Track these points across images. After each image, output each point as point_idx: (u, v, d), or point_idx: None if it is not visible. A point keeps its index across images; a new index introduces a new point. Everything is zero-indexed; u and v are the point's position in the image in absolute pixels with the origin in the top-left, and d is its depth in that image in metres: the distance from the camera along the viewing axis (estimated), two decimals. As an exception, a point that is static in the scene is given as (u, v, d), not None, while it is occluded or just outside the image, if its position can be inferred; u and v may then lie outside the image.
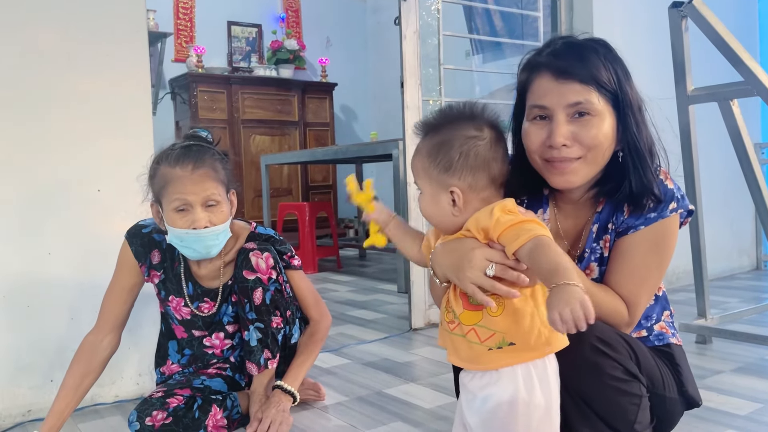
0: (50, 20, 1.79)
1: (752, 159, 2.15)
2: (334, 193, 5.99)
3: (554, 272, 0.88)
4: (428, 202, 1.09)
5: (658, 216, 1.14)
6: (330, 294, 3.64)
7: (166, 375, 1.72)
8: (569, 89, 1.08)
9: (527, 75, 1.15)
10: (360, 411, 1.76)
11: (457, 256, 1.03)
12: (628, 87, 1.11)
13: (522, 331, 0.99)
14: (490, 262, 0.99)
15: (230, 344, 1.69)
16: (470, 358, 1.03)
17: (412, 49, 2.66)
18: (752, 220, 3.91)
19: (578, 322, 0.83)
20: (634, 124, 1.11)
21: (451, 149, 1.05)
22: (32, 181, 1.78)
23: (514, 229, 0.98)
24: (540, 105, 1.11)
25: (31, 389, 1.77)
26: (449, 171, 1.05)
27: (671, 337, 1.28)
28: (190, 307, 1.64)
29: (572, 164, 1.10)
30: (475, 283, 0.99)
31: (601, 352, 1.04)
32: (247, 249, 1.58)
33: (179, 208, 1.47)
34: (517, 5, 4.18)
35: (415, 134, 1.13)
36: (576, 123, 1.09)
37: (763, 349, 2.20)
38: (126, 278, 1.61)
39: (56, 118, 1.81)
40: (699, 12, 2.10)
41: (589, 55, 1.10)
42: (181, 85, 5.29)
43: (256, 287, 1.56)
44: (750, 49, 2.65)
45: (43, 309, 1.79)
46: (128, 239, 1.61)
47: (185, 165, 1.47)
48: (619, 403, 1.06)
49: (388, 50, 5.93)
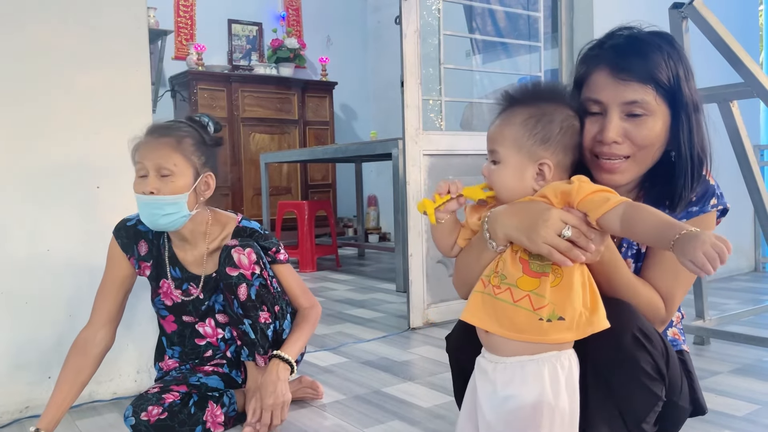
0: (50, 17, 1.79)
1: (751, 161, 2.15)
2: (334, 191, 5.98)
3: (667, 226, 0.88)
4: (509, 172, 1.06)
5: (699, 210, 1.14)
6: (328, 293, 3.64)
7: (163, 371, 1.72)
8: (626, 87, 1.06)
9: (585, 67, 1.12)
10: (358, 410, 1.76)
11: (529, 216, 1.00)
12: (687, 88, 1.08)
13: (571, 307, 0.97)
14: (566, 223, 0.97)
15: (223, 335, 1.69)
16: (512, 325, 0.99)
17: (413, 49, 2.66)
18: (751, 222, 3.91)
19: (714, 262, 0.82)
20: (687, 127, 1.09)
21: (552, 122, 1.05)
22: (31, 177, 1.78)
23: (599, 195, 0.97)
24: (595, 99, 1.09)
25: (29, 385, 1.77)
26: (546, 143, 1.04)
27: (683, 344, 1.27)
28: (180, 290, 1.65)
29: (621, 164, 1.09)
30: (549, 243, 0.96)
31: (641, 344, 1.02)
32: (229, 246, 1.58)
33: (140, 173, 1.51)
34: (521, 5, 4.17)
35: (498, 104, 1.11)
36: (630, 121, 1.07)
37: (761, 350, 2.20)
38: (116, 272, 1.63)
39: (56, 115, 1.81)
40: (699, 13, 2.10)
41: (651, 51, 1.06)
42: (182, 82, 5.29)
43: (240, 283, 1.56)
44: (750, 51, 2.65)
45: (41, 305, 1.79)
46: (115, 234, 1.65)
47: (153, 133, 1.53)
48: (640, 398, 1.05)
49: (389, 49, 5.93)
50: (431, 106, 3.05)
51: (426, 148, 2.72)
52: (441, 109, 2.98)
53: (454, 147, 2.80)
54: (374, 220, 6.43)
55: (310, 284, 3.97)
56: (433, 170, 2.74)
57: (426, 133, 2.72)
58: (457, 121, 4.13)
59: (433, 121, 3.07)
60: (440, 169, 2.76)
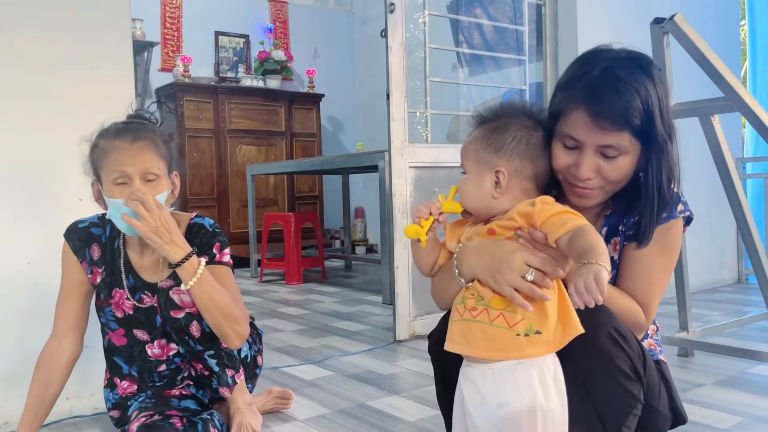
0: (34, 28, 1.78)
1: (732, 174, 2.17)
2: (320, 203, 5.97)
3: (588, 251, 0.93)
4: (471, 182, 1.13)
5: (668, 216, 1.17)
6: (314, 305, 3.63)
7: (120, 396, 1.61)
8: (604, 133, 1.09)
9: (563, 101, 1.14)
10: (342, 424, 1.74)
11: (493, 257, 1.05)
12: (660, 123, 1.10)
13: (547, 321, 1.01)
14: (530, 267, 1.02)
15: (176, 350, 1.59)
16: (492, 346, 1.03)
17: (398, 62, 2.68)
18: (734, 234, 3.95)
19: (592, 293, 0.88)
20: (657, 160, 1.12)
21: (506, 132, 1.13)
22: (12, 189, 1.75)
23: (559, 217, 1.02)
24: (572, 136, 1.12)
25: (9, 401, 1.74)
26: (499, 152, 1.12)
27: (659, 354, 1.29)
28: (132, 300, 1.56)
29: (592, 192, 1.15)
30: (512, 286, 1.01)
31: (616, 342, 1.05)
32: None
33: (118, 181, 1.43)
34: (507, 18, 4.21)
35: (470, 125, 1.19)
36: (603, 159, 1.11)
37: (745, 362, 2.21)
38: (70, 276, 1.57)
39: (39, 126, 1.79)
40: (680, 28, 2.13)
41: (628, 92, 1.07)
42: (168, 94, 5.27)
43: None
44: (731, 65, 2.69)
45: (21, 319, 1.77)
46: (66, 237, 1.58)
47: (125, 137, 1.45)
48: (618, 399, 1.06)
49: (376, 62, 5.95)
50: (417, 119, 3.07)
51: (412, 160, 2.73)
52: (427, 122, 2.99)
53: (440, 159, 2.81)
54: (361, 232, 6.42)
55: (297, 296, 3.96)
56: (419, 182, 2.75)
57: (412, 145, 2.73)
58: (444, 134, 4.15)
59: (419, 133, 3.08)
60: (426, 181, 2.77)
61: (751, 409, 1.77)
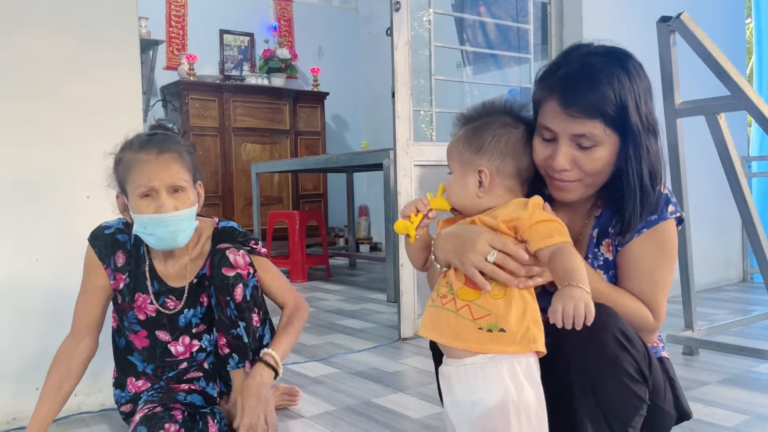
0: (41, 26, 1.79)
1: (738, 172, 2.17)
2: (325, 201, 5.98)
3: (570, 273, 0.95)
4: (456, 182, 1.15)
5: (659, 218, 1.16)
6: (319, 303, 3.63)
7: (132, 393, 1.64)
8: (575, 121, 1.09)
9: (540, 93, 1.16)
10: (348, 421, 1.75)
11: (460, 240, 1.08)
12: (636, 115, 1.09)
13: (514, 322, 1.00)
14: (492, 248, 1.03)
15: (198, 346, 1.63)
16: (456, 335, 1.04)
17: (404, 60, 2.68)
18: (739, 233, 3.94)
19: (577, 319, 0.90)
20: (635, 155, 1.11)
21: (485, 132, 1.14)
22: (21, 186, 1.77)
23: (547, 227, 1.02)
24: (547, 127, 1.13)
25: (16, 397, 1.76)
26: (480, 152, 1.13)
27: (662, 351, 1.29)
28: (156, 304, 1.59)
29: (570, 185, 1.14)
30: (475, 267, 1.03)
31: (622, 345, 1.05)
32: (222, 248, 1.56)
33: (144, 194, 1.44)
34: (511, 17, 4.21)
35: (454, 125, 1.20)
36: (579, 150, 1.11)
37: (750, 360, 2.21)
38: (93, 279, 1.58)
39: (46, 124, 1.80)
40: (687, 27, 2.12)
41: (601, 83, 1.08)
42: (173, 92, 5.28)
43: (237, 283, 1.53)
44: (737, 64, 2.69)
45: (29, 316, 1.78)
46: (91, 242, 1.59)
47: (150, 150, 1.45)
48: (623, 400, 1.06)
49: (380, 60, 5.95)
50: (422, 117, 3.07)
51: (417, 158, 2.73)
52: (432, 120, 3.00)
53: (445, 157, 2.80)
54: (365, 230, 6.43)
55: (301, 294, 3.96)
56: (423, 180, 2.75)
57: (417, 143, 2.73)
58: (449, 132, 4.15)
59: (424, 131, 3.09)
60: (431, 179, 2.77)
61: (756, 407, 1.77)
